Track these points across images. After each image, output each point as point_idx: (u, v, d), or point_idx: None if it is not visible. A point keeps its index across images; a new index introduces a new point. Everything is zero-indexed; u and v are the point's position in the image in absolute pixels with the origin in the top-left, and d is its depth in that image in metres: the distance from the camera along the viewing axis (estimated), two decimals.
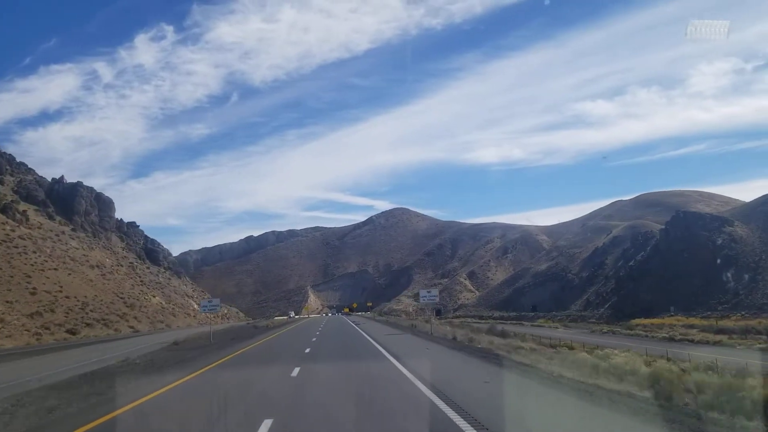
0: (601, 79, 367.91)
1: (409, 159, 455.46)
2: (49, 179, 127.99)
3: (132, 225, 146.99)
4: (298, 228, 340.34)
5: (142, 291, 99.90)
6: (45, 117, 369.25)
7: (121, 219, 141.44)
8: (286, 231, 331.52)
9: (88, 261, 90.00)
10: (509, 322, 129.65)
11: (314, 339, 36.16)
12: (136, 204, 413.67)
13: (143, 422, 10.70)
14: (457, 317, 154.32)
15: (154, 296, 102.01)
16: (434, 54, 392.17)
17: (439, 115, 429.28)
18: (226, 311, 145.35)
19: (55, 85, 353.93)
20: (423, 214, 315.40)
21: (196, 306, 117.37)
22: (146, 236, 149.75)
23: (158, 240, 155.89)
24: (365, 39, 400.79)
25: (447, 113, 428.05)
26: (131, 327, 71.97)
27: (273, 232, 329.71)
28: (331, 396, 12.87)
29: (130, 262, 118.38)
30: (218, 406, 11.72)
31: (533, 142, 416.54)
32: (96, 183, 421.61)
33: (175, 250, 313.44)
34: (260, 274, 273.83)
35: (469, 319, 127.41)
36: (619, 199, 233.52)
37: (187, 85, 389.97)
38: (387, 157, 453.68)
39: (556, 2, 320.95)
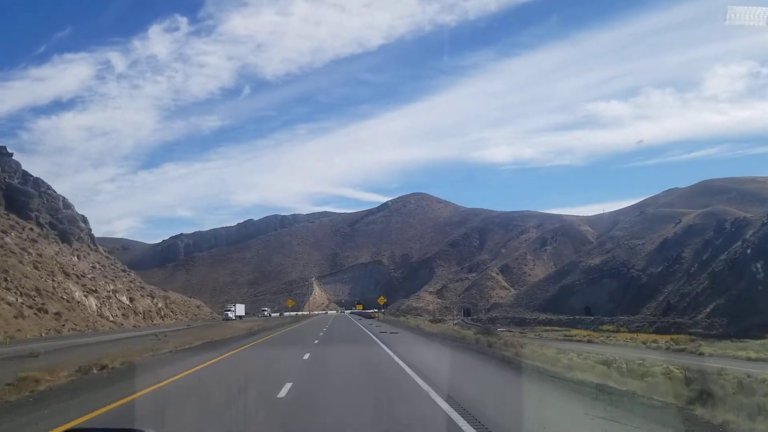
0: (614, 80, 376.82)
1: (420, 156, 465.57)
2: None
3: None
4: (304, 213, 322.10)
5: None
6: (58, 105, 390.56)
7: None
8: (290, 216, 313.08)
9: None
10: (563, 329, 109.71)
11: None
12: (148, 194, 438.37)
13: None
14: (493, 319, 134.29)
15: None
16: (447, 51, 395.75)
17: (450, 113, 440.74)
18: (161, 305, 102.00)
19: (68, 73, 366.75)
20: (444, 200, 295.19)
21: (78, 294, 71.55)
22: (25, 173, 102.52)
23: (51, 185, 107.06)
24: (378, 34, 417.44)
25: (459, 111, 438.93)
26: None
27: (275, 216, 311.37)
28: None
29: None
30: None
31: (545, 142, 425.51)
32: (108, 173, 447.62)
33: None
34: (258, 263, 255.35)
35: (511, 329, 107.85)
36: (674, 186, 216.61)
37: (199, 77, 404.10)
38: (397, 154, 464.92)
39: (571, 2, 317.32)
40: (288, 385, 13.25)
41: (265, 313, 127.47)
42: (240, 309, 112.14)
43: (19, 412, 10.83)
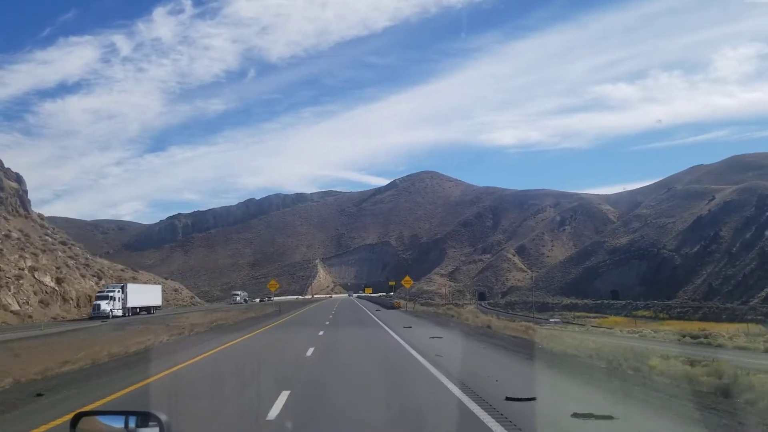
0: (621, 62, 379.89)
1: (426, 139, 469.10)
2: None
3: None
4: (308, 192, 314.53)
5: None
6: (63, 89, 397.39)
7: None
8: (294, 194, 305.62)
9: None
10: (592, 315, 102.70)
11: None
12: (154, 178, 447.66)
13: None
14: (511, 303, 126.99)
15: None
16: (453, 33, 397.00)
17: (456, 96, 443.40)
18: (71, 287, 68.15)
19: (73, 56, 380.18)
20: (455, 179, 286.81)
21: None
22: None
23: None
24: (383, 16, 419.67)
25: (464, 94, 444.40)
26: None
27: (278, 195, 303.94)
28: None
29: None
30: None
31: (551, 125, 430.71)
32: (114, 156, 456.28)
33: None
34: (260, 244, 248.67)
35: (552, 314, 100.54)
36: (700, 164, 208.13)
37: (204, 60, 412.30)
38: (403, 137, 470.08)
39: None
40: None
41: (237, 298, 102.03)
42: (148, 294, 64.57)
43: None
